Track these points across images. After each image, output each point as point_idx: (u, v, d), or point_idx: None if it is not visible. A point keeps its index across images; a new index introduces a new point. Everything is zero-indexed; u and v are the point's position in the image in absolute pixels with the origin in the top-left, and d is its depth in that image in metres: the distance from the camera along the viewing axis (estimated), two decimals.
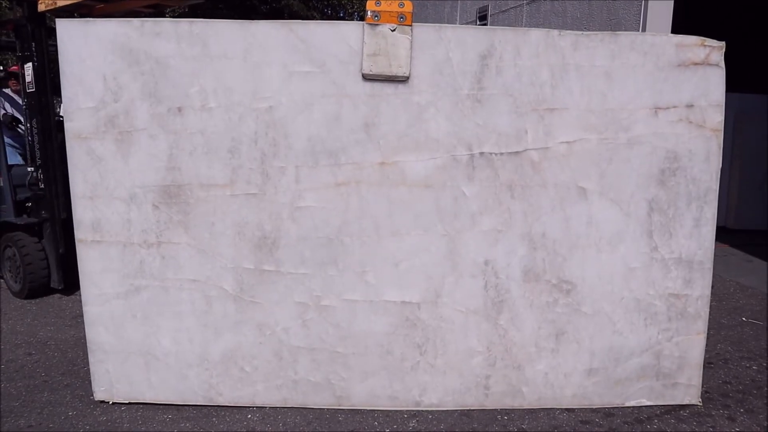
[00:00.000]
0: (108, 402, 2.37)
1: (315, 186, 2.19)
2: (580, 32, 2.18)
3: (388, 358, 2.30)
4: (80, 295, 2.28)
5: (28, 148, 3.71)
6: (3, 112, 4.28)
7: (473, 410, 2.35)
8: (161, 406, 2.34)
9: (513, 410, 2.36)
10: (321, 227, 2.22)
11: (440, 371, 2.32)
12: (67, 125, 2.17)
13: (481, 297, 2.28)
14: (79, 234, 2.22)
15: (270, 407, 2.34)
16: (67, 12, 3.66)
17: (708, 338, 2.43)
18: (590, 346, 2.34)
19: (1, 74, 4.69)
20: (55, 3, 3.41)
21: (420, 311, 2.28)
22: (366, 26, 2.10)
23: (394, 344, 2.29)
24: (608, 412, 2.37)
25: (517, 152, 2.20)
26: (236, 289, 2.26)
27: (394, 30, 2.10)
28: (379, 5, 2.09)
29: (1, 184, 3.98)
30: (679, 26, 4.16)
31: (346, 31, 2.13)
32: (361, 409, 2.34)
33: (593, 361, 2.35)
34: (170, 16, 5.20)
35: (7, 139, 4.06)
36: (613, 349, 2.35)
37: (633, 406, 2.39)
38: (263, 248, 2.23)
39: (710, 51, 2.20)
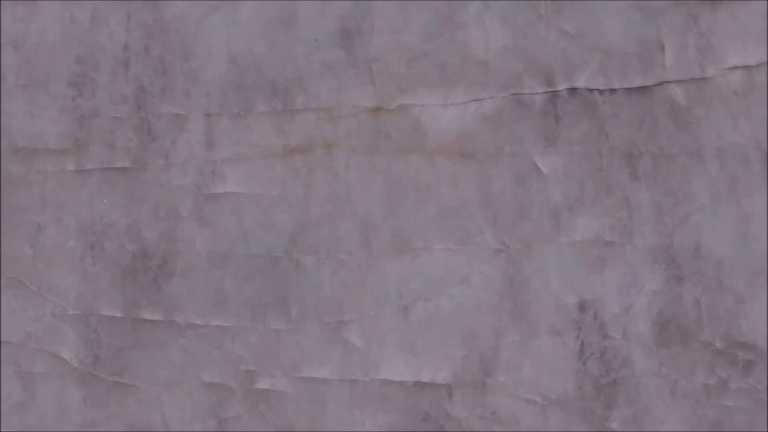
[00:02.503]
0: None
1: (245, 153, 1.37)
2: None
3: None
4: None
5: None
6: None
7: None
8: None
9: None
10: (256, 234, 1.38)
11: None
12: None
13: (573, 373, 1.38)
14: None
15: None
16: None
17: None
18: None
19: None
20: None
21: (452, 402, 1.39)
22: None
23: None
24: None
25: (644, 88, 1.41)
26: (86, 359, 1.36)
27: None
28: None
29: None
30: None
31: None
32: None
33: None
34: None
35: None
36: None
37: None
38: (141, 276, 1.37)
39: None
